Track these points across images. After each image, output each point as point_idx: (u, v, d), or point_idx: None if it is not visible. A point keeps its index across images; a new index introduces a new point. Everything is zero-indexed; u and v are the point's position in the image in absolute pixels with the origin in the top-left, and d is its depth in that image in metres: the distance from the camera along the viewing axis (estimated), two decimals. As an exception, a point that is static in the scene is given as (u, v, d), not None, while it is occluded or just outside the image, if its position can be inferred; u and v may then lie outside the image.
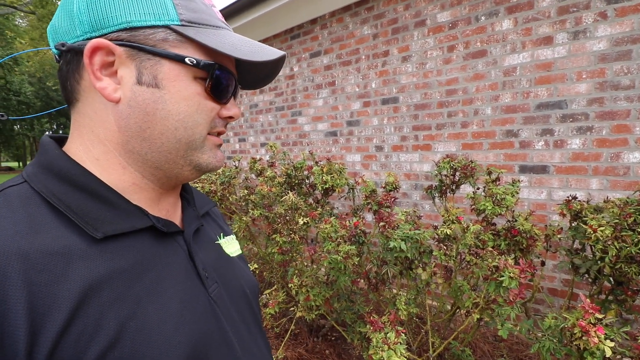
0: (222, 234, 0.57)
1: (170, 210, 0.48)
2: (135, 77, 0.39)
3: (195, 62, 0.40)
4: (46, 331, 0.31)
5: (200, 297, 0.44)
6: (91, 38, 0.38)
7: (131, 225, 0.40)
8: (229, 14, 3.61)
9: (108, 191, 0.40)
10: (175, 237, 0.46)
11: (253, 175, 2.95)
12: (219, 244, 0.54)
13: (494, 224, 1.76)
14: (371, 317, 1.30)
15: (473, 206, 1.78)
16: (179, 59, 0.39)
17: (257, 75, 0.50)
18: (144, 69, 0.39)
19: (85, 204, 0.38)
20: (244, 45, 0.42)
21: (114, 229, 0.38)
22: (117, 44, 0.38)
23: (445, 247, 1.53)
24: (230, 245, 0.57)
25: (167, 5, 0.39)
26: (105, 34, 0.38)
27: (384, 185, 2.20)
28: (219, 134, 0.47)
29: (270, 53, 0.43)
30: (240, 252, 0.60)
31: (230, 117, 0.46)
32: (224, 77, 0.43)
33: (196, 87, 0.41)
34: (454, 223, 1.57)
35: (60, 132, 26.14)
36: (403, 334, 1.21)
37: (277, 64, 0.47)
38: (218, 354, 0.42)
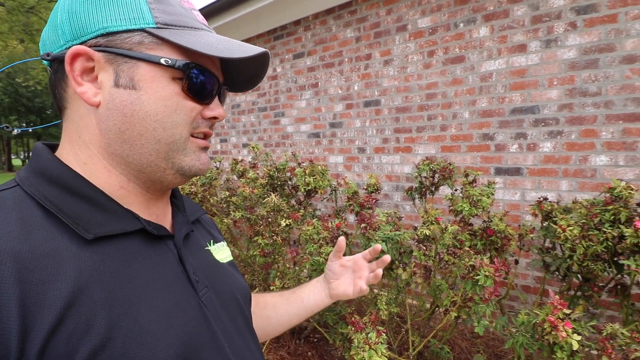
0: (212, 241, 0.58)
1: (160, 215, 0.49)
2: (113, 80, 0.40)
3: (170, 62, 0.40)
4: (37, 329, 0.31)
5: (191, 300, 0.44)
6: (73, 46, 0.40)
7: (122, 228, 0.40)
8: (211, 12, 3.57)
9: (98, 194, 0.41)
10: (166, 241, 0.46)
11: (234, 177, 2.92)
12: (208, 249, 0.55)
13: (471, 225, 1.82)
14: (353, 318, 1.31)
15: (451, 207, 1.83)
16: (154, 60, 0.40)
17: (244, 75, 0.51)
18: (121, 72, 0.40)
19: (76, 207, 0.39)
20: (221, 43, 0.43)
21: (104, 230, 0.39)
22: (95, 50, 0.39)
23: (424, 248, 1.57)
24: (221, 252, 0.58)
25: (142, 9, 0.40)
26: (85, 41, 0.40)
27: (365, 187, 2.23)
28: (205, 136, 0.47)
29: (249, 50, 0.43)
30: (231, 258, 0.61)
31: (214, 118, 0.46)
32: (203, 77, 0.43)
33: (174, 87, 0.41)
34: (433, 224, 1.61)
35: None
36: (384, 334, 1.23)
37: (262, 62, 0.48)
38: (209, 357, 0.43)
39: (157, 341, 0.37)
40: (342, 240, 0.75)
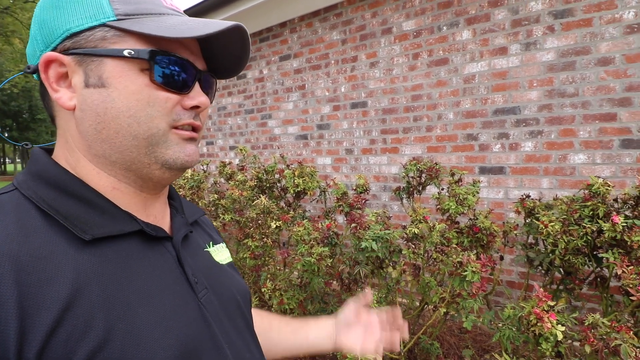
0: (211, 242, 0.57)
1: (158, 217, 0.48)
2: (83, 81, 0.39)
3: (134, 53, 0.38)
4: (35, 331, 0.31)
5: (190, 302, 0.44)
6: (43, 54, 0.40)
7: (120, 229, 0.40)
8: (196, 13, 3.54)
9: (96, 196, 0.41)
10: (164, 242, 0.46)
11: (222, 180, 2.89)
12: (207, 251, 0.55)
13: (458, 223, 1.86)
14: (345, 317, 1.32)
15: (438, 206, 1.87)
16: (118, 54, 0.38)
17: (229, 58, 0.48)
18: (89, 72, 0.39)
19: (74, 209, 0.39)
20: (184, 24, 0.40)
21: (102, 231, 0.39)
22: (64, 54, 0.39)
23: (413, 246, 1.60)
24: (220, 253, 0.58)
25: (101, 4, 0.39)
26: (55, 48, 0.40)
27: (354, 188, 2.25)
28: (194, 128, 0.44)
29: (215, 26, 0.40)
30: (230, 260, 0.60)
31: (196, 107, 0.43)
32: (171, 63, 0.41)
33: (144, 79, 0.39)
34: (421, 222, 1.64)
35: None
36: (375, 331, 1.25)
37: (242, 39, 0.45)
38: (208, 358, 0.42)
39: (156, 343, 0.37)
40: (369, 293, 0.71)
